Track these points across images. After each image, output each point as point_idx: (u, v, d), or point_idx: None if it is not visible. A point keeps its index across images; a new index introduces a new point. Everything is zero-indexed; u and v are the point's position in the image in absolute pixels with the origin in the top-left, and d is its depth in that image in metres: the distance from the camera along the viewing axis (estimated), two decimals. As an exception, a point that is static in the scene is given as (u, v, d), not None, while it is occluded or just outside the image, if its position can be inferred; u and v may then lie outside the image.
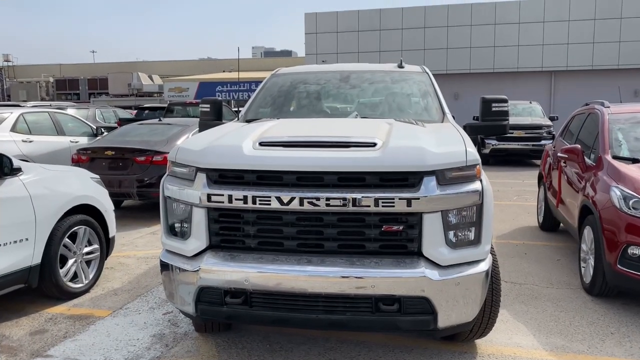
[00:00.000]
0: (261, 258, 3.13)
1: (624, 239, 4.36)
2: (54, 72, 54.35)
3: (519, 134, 15.40)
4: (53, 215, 4.59)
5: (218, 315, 3.25)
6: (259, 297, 3.12)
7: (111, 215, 5.42)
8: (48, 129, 10.33)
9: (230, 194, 3.07)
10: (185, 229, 3.29)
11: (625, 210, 4.42)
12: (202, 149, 3.29)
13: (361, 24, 27.91)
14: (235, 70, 32.47)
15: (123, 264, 6.02)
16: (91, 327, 4.26)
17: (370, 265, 3.02)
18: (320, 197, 2.98)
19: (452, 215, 3.06)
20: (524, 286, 5.17)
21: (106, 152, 8.12)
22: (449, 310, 3.05)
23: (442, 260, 3.03)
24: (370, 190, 2.98)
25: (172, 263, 3.30)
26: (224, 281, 3.10)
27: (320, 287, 3.00)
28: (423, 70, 5.17)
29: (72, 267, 4.87)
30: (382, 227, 3.04)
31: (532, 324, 4.27)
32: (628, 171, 4.74)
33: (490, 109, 4.49)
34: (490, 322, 3.63)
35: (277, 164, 3.07)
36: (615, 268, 4.43)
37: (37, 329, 4.25)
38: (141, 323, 4.33)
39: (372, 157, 3.04)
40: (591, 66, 25.73)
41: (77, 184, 5.04)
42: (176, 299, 3.34)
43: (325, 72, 5.27)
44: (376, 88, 4.99)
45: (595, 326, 4.24)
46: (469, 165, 3.10)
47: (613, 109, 5.80)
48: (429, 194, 2.96)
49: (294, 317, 3.12)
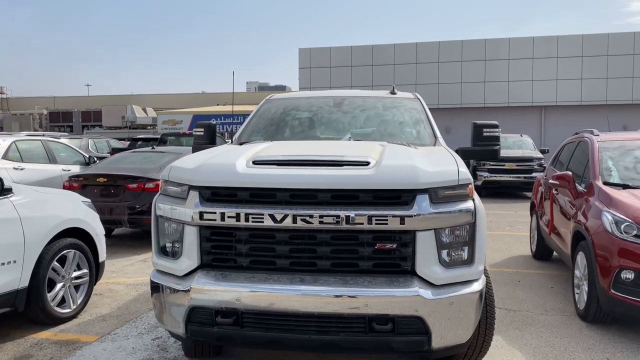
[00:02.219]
0: (253, 277, 3.09)
1: (616, 264, 4.36)
2: (48, 104, 54.52)
3: (510, 167, 15.52)
4: (42, 237, 4.53)
5: (208, 336, 3.18)
6: (250, 318, 3.07)
7: (102, 240, 5.36)
8: (40, 157, 10.30)
9: (222, 211, 3.06)
10: (177, 249, 3.26)
11: (617, 235, 4.43)
12: (196, 167, 3.28)
13: (354, 59, 28.39)
14: (230, 103, 32.72)
15: (112, 290, 5.92)
16: (77, 352, 4.16)
17: (364, 284, 2.99)
18: (313, 214, 2.97)
19: (445, 234, 3.05)
20: (518, 313, 5.12)
21: (98, 179, 8.08)
22: (442, 330, 3.01)
23: (436, 280, 3.01)
24: (363, 208, 2.98)
25: (163, 283, 3.25)
26: (215, 301, 3.05)
27: (313, 307, 2.96)
28: (415, 96, 5.24)
29: (60, 291, 4.78)
30: (375, 245, 3.02)
31: (528, 350, 4.21)
32: (619, 196, 4.77)
33: (482, 134, 4.53)
34: (484, 345, 3.57)
35: (270, 182, 3.07)
36: (609, 293, 4.41)
37: (22, 354, 4.13)
38: (129, 348, 4.23)
39: (366, 174, 3.05)
40: (580, 102, 26.21)
41: (68, 207, 5.00)
42: (166, 320, 3.28)
43: (318, 98, 5.32)
44: (369, 114, 5.04)
45: (591, 352, 4.18)
46: (461, 184, 3.11)
47: (602, 137, 5.87)
48: (422, 212, 2.96)
49: (286, 337, 3.07)
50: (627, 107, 25.50)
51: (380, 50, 28.24)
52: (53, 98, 58.67)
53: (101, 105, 46.91)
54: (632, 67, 25.95)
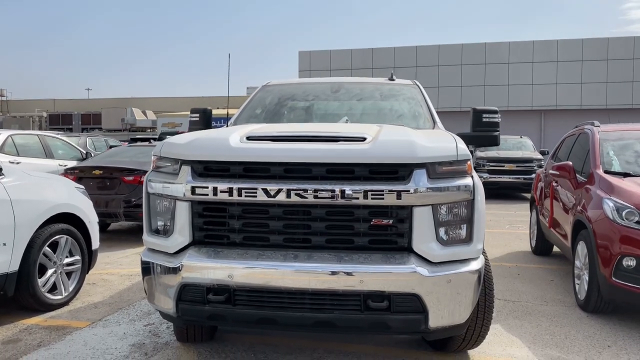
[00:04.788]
0: (246, 254, 3.01)
1: (618, 250, 4.28)
2: (48, 107, 54.47)
3: (510, 167, 15.46)
4: (33, 221, 4.45)
5: (200, 315, 3.09)
6: (243, 295, 2.99)
7: (95, 227, 5.27)
8: (37, 152, 10.24)
9: (215, 186, 2.98)
10: (168, 226, 3.17)
11: (618, 222, 4.35)
12: (188, 142, 3.21)
13: (354, 62, 28.40)
14: (231, 107, 32.64)
15: (106, 280, 5.83)
16: (67, 337, 4.07)
17: (359, 260, 2.91)
18: (308, 188, 2.89)
19: (443, 211, 2.97)
20: (517, 303, 5.04)
21: (94, 172, 8.01)
22: (440, 309, 2.92)
23: (433, 257, 2.93)
24: (359, 183, 2.90)
25: (154, 261, 3.17)
26: (207, 278, 2.96)
27: (307, 284, 2.88)
28: (414, 83, 5.18)
29: (51, 277, 4.69)
30: (371, 221, 2.94)
31: (527, 337, 4.12)
32: (620, 184, 4.70)
33: (481, 120, 4.46)
34: (483, 329, 3.49)
35: (264, 155, 3.00)
36: (610, 281, 4.33)
37: (10, 338, 4.05)
38: (120, 333, 4.15)
39: (362, 148, 2.98)
40: (580, 106, 26.21)
41: (61, 192, 4.92)
42: (157, 299, 3.19)
43: (315, 84, 5.26)
44: (366, 100, 4.98)
45: (592, 339, 4.10)
46: (460, 160, 3.04)
47: (603, 127, 5.81)
48: (419, 187, 2.88)
49: (279, 315, 2.98)
50: (627, 111, 25.47)
51: (380, 54, 28.26)
52: (53, 101, 58.65)
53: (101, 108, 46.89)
54: (632, 72, 25.98)
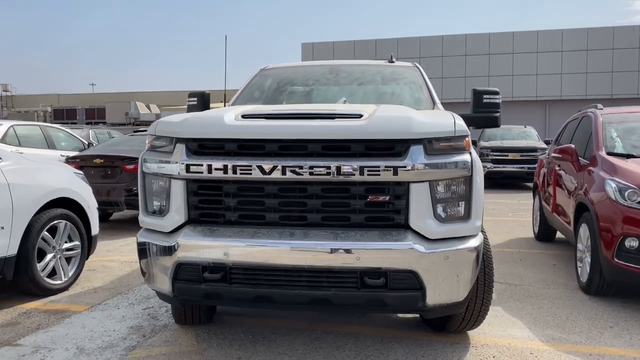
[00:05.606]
0: (242, 232, 2.98)
1: (620, 231, 4.23)
2: (53, 101, 54.54)
3: (514, 157, 15.37)
4: (32, 205, 4.44)
5: (196, 293, 3.06)
6: (239, 273, 2.97)
7: (94, 213, 5.26)
8: (39, 142, 10.24)
9: (209, 164, 2.95)
10: (164, 205, 3.15)
11: (621, 202, 4.30)
12: (182, 120, 3.18)
13: (357, 53, 28.28)
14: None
15: (106, 266, 5.83)
16: (66, 320, 4.07)
17: (356, 237, 2.87)
18: (303, 165, 2.85)
19: (440, 187, 2.94)
20: (519, 287, 5.00)
21: (95, 160, 8.00)
22: (437, 286, 2.89)
23: (430, 233, 2.89)
24: (355, 159, 2.86)
25: (149, 240, 3.15)
26: (203, 256, 2.94)
27: (303, 261, 2.85)
28: (414, 65, 5.13)
29: (50, 262, 4.69)
30: (367, 197, 2.91)
31: (528, 319, 4.09)
32: (623, 165, 4.64)
33: (482, 101, 4.41)
34: (483, 309, 3.46)
35: (259, 132, 2.96)
36: (613, 262, 4.28)
37: (9, 321, 4.05)
38: (119, 316, 4.14)
39: (358, 125, 2.94)
40: (585, 96, 26.02)
41: (60, 177, 4.90)
42: (153, 279, 3.17)
43: (313, 67, 5.22)
44: (366, 83, 4.93)
45: (594, 320, 4.06)
46: (457, 136, 3.00)
47: (607, 110, 5.74)
48: (416, 163, 2.84)
49: (276, 293, 2.96)
50: (632, 101, 25.27)
51: (383, 45, 28.13)
52: (57, 95, 58.77)
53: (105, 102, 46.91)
54: (638, 61, 25.78)
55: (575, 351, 3.46)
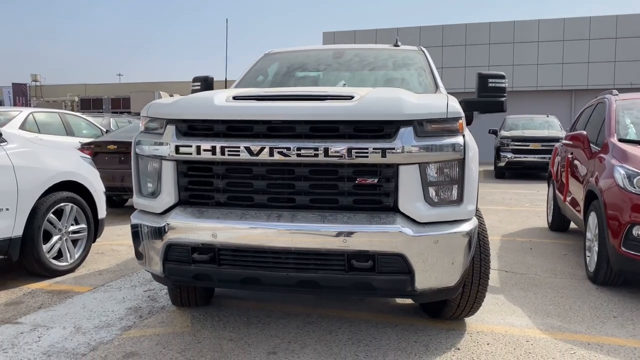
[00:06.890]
0: (230, 213, 2.98)
1: (628, 219, 4.10)
2: (80, 91, 55.45)
3: (535, 147, 15.05)
4: (37, 187, 4.51)
5: (186, 274, 3.08)
6: (227, 255, 2.97)
7: (101, 196, 5.33)
8: (57, 129, 10.41)
9: (198, 144, 2.95)
10: (156, 186, 3.17)
11: (629, 189, 4.17)
12: (174, 102, 3.19)
13: (379, 42, 27.98)
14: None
15: (115, 250, 5.91)
16: (68, 300, 4.14)
17: (343, 220, 2.84)
18: (291, 147, 2.83)
19: (431, 170, 2.88)
20: (525, 276, 4.90)
21: (109, 146, 8.10)
22: (427, 270, 2.84)
23: (420, 217, 2.84)
24: (343, 141, 2.82)
25: (142, 222, 3.17)
26: (192, 237, 2.95)
27: (290, 243, 2.83)
28: (419, 49, 5.03)
29: (56, 244, 4.77)
30: (356, 180, 2.87)
31: (529, 307, 4.01)
32: (635, 151, 4.49)
33: (487, 85, 4.29)
34: (479, 295, 3.40)
35: (246, 113, 2.94)
36: (620, 251, 4.16)
37: (14, 300, 4.14)
38: (120, 298, 4.20)
39: (347, 106, 2.89)
40: (612, 85, 25.27)
41: (66, 160, 4.97)
42: (145, 259, 3.20)
43: (318, 51, 5.17)
44: (369, 67, 4.86)
45: (597, 310, 3.96)
46: (450, 118, 2.92)
47: (622, 96, 5.57)
48: (405, 145, 2.79)
49: (264, 275, 2.95)
50: (662, 90, 24.52)
51: (405, 33, 27.76)
52: (84, 85, 59.66)
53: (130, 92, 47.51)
54: (669, 49, 24.93)
55: (573, 340, 3.38)
